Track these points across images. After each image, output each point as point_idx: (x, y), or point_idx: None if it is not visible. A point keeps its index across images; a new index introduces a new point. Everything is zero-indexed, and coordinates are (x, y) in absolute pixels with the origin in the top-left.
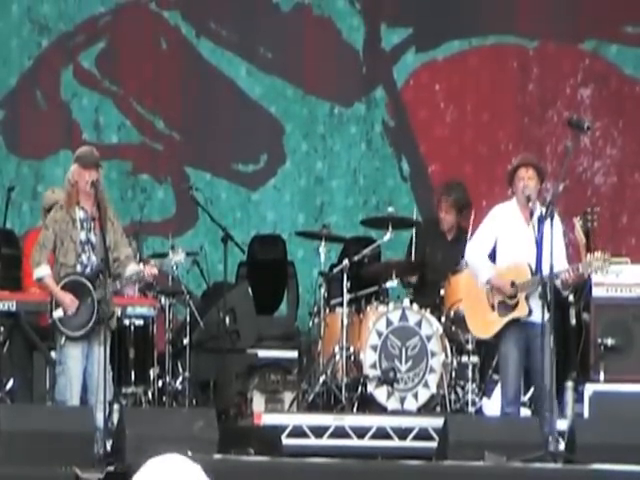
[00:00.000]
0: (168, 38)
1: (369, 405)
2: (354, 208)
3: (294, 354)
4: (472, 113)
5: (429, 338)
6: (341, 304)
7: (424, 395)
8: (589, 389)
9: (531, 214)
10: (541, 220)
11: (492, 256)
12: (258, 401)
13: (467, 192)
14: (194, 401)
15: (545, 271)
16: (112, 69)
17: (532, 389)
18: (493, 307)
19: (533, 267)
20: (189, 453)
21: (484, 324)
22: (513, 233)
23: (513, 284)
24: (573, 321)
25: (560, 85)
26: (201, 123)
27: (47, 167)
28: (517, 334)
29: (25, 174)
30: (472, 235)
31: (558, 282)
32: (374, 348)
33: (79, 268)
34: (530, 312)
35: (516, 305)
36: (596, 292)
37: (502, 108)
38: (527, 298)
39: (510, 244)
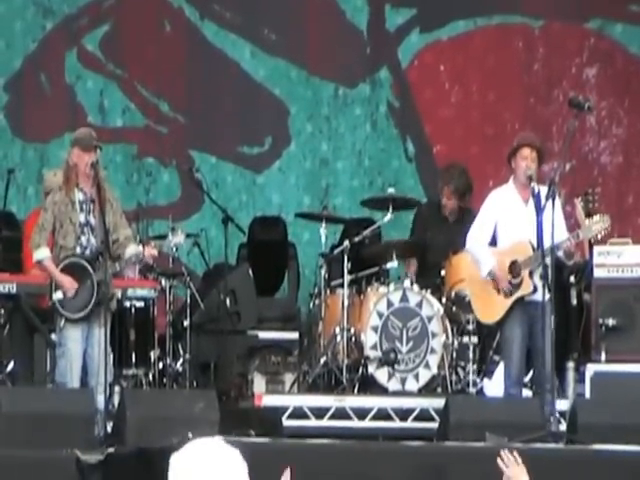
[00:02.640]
0: (172, 20)
1: (370, 386)
2: (359, 189)
3: (295, 335)
4: (477, 93)
5: (430, 319)
6: (342, 285)
7: (425, 376)
8: (590, 369)
9: (532, 194)
10: (539, 199)
11: (493, 242)
12: (259, 382)
13: (468, 175)
14: (195, 383)
15: (546, 247)
16: (116, 52)
17: (533, 370)
18: (498, 290)
19: (534, 244)
20: (190, 435)
21: (490, 308)
22: (512, 215)
23: (515, 263)
24: (574, 302)
25: (566, 64)
26: (206, 106)
27: (52, 150)
28: (520, 315)
29: (30, 157)
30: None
31: (561, 253)
32: (375, 329)
33: (78, 250)
34: (535, 289)
35: (520, 283)
36: (597, 273)
37: (508, 88)
38: (531, 276)
39: (510, 226)
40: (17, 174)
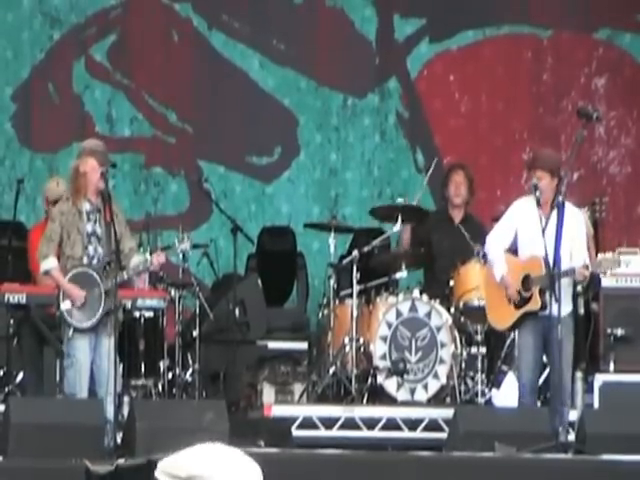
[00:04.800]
0: (180, 30)
1: (379, 396)
2: (368, 199)
3: (304, 345)
4: (487, 103)
5: (439, 329)
6: (351, 295)
7: (434, 386)
8: (599, 379)
9: (538, 203)
10: (561, 216)
11: (514, 251)
12: (268, 392)
13: None
14: (204, 393)
15: (559, 265)
16: (124, 62)
17: (542, 380)
18: (509, 299)
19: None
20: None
21: (501, 315)
22: (531, 228)
23: (527, 277)
24: (582, 311)
25: (574, 74)
26: (214, 116)
27: (60, 160)
28: (534, 326)
29: (38, 167)
30: (480, 221)
31: (574, 276)
32: (384, 339)
33: (86, 260)
34: (544, 306)
35: (530, 298)
36: (605, 282)
37: (517, 98)
38: (542, 293)
39: (529, 238)
40: (25, 184)
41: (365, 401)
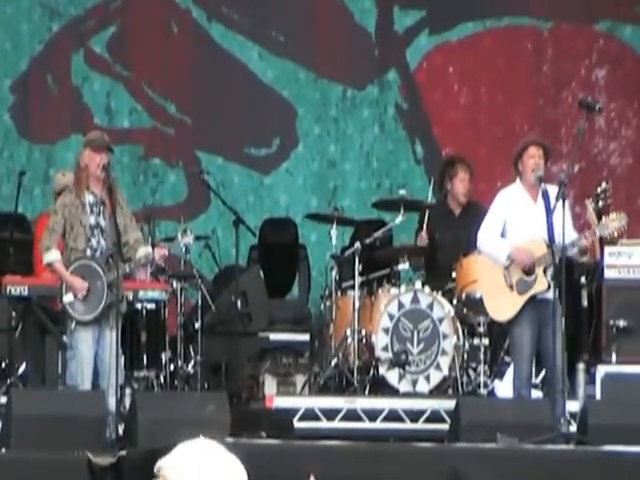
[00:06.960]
0: (179, 22)
1: (381, 388)
2: (367, 191)
3: (306, 337)
4: (486, 95)
5: (441, 320)
6: (353, 287)
7: (436, 377)
8: (601, 371)
9: (543, 196)
10: (546, 197)
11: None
12: (270, 384)
13: None
14: (206, 385)
15: (559, 245)
16: (123, 53)
17: (544, 371)
18: (512, 287)
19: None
20: (201, 437)
21: (504, 306)
22: (522, 213)
23: None
24: (585, 302)
25: (575, 66)
26: (213, 107)
27: (58, 151)
28: (530, 315)
29: (36, 159)
30: (481, 205)
31: (575, 250)
32: (386, 331)
33: (89, 252)
34: (549, 286)
35: (535, 281)
36: (608, 274)
37: (517, 90)
38: (545, 273)
39: (520, 224)
40: None
41: (367, 393)
